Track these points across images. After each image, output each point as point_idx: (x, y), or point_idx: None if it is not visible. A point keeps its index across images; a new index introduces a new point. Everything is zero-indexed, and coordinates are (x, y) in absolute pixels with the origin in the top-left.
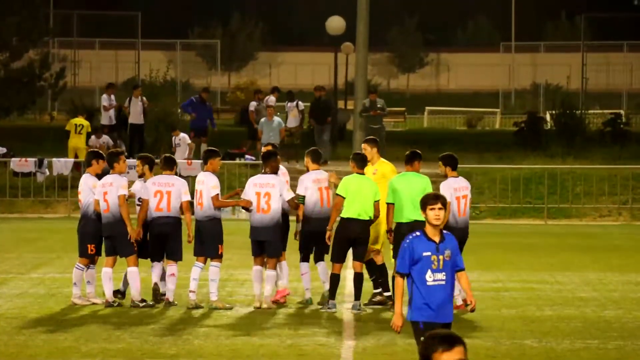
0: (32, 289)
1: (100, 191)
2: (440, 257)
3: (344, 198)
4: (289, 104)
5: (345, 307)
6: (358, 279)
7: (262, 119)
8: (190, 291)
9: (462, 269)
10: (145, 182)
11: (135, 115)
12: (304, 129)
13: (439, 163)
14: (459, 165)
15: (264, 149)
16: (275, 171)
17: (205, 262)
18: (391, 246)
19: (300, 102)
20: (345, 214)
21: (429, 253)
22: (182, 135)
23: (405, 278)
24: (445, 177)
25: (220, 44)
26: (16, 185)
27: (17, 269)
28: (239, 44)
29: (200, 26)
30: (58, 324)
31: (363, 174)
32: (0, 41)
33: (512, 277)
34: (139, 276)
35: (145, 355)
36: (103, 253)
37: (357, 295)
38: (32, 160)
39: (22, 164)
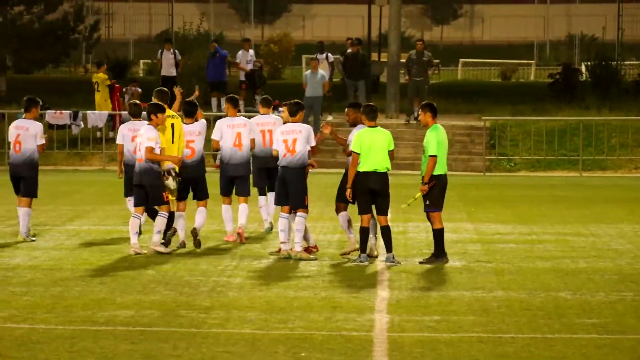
0: (67, 241)
1: (184, 140)
2: None
3: (359, 154)
4: (319, 56)
5: (378, 260)
6: (386, 232)
7: (307, 72)
8: (282, 242)
9: None
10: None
11: (167, 68)
12: (335, 81)
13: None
14: (494, 118)
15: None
16: (355, 124)
17: (290, 212)
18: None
19: (330, 54)
20: (362, 168)
21: None
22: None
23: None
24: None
25: None
26: (51, 137)
27: (52, 221)
28: None
29: None
30: (93, 275)
31: (375, 126)
32: None
33: (547, 229)
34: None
35: (179, 307)
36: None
37: (389, 247)
38: (67, 112)
39: (57, 116)
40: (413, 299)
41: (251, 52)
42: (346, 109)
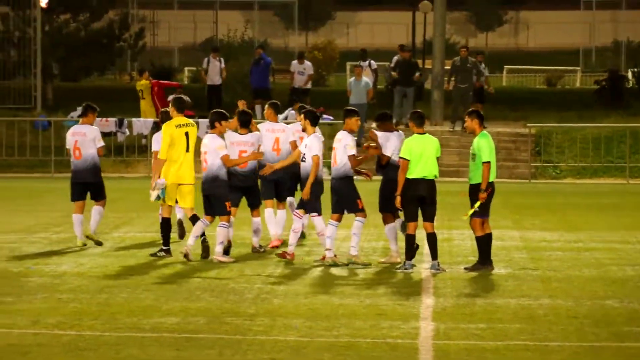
0: (113, 248)
1: (236, 150)
2: None
3: (409, 161)
4: (362, 63)
5: (423, 267)
6: (432, 239)
7: (351, 79)
8: (327, 249)
9: None
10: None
11: (213, 76)
12: (379, 88)
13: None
14: (539, 124)
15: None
16: (387, 130)
17: (339, 220)
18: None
19: (372, 62)
20: (410, 174)
21: None
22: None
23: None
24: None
25: (297, 3)
26: None
27: (99, 228)
28: (316, 3)
29: None
30: (139, 282)
31: (423, 133)
32: (81, 2)
33: (594, 237)
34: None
35: (225, 314)
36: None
37: (434, 254)
38: (112, 120)
39: (102, 123)
40: (458, 306)
41: (307, 63)
42: (375, 124)
